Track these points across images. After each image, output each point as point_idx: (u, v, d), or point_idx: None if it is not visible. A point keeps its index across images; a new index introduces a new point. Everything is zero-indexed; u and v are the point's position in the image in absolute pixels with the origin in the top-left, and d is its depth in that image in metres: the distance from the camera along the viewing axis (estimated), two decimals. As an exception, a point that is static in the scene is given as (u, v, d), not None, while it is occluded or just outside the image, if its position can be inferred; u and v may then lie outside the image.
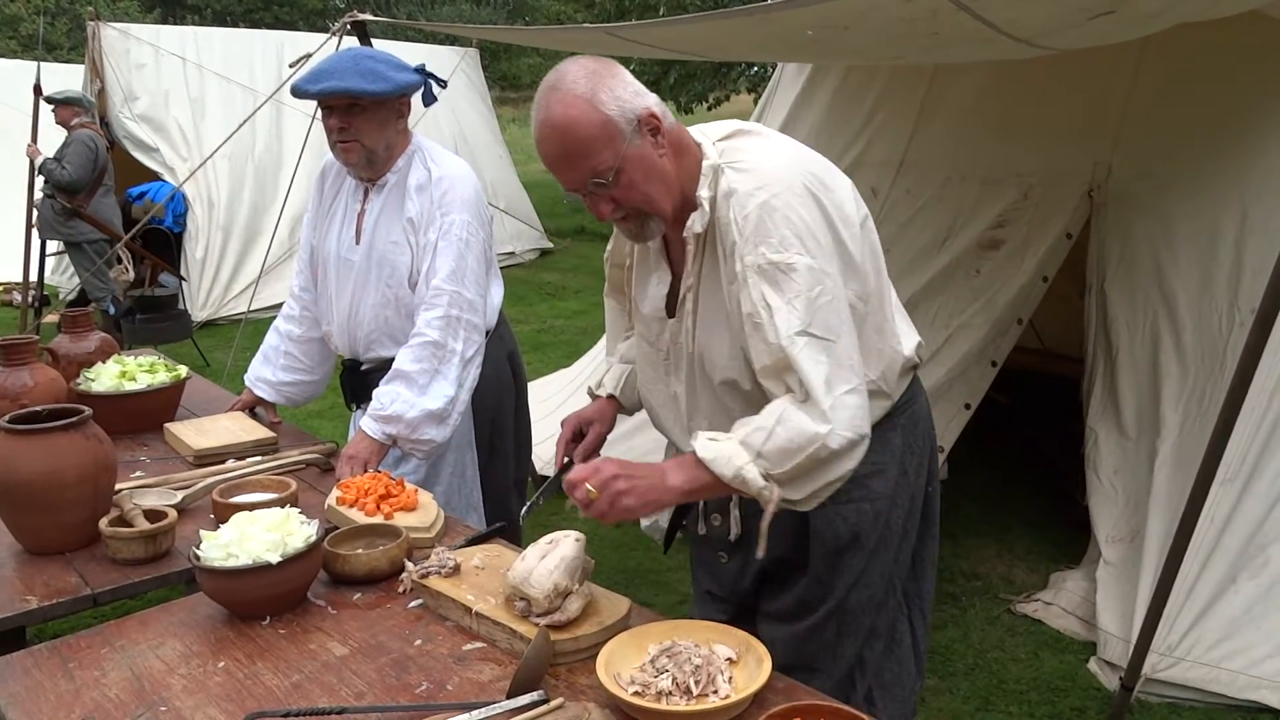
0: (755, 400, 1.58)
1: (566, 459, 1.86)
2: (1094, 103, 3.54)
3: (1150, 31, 2.79)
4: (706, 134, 1.63)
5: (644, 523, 1.99)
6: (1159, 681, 2.79)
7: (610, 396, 1.93)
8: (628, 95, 1.50)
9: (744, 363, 1.58)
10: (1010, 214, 3.62)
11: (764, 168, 1.53)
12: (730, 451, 1.47)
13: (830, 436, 1.44)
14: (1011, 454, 4.67)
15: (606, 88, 1.48)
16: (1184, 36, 2.95)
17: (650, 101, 1.53)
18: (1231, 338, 3.08)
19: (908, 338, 1.72)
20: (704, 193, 1.54)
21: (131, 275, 6.74)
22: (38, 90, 6.44)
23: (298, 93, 2.29)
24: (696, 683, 1.31)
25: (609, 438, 1.93)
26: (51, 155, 6.54)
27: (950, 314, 3.65)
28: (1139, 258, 3.38)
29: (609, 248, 1.91)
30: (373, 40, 4.38)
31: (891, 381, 1.69)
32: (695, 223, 1.55)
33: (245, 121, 5.55)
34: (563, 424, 1.91)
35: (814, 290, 1.47)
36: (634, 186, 1.52)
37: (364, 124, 2.30)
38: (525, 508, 1.79)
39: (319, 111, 2.36)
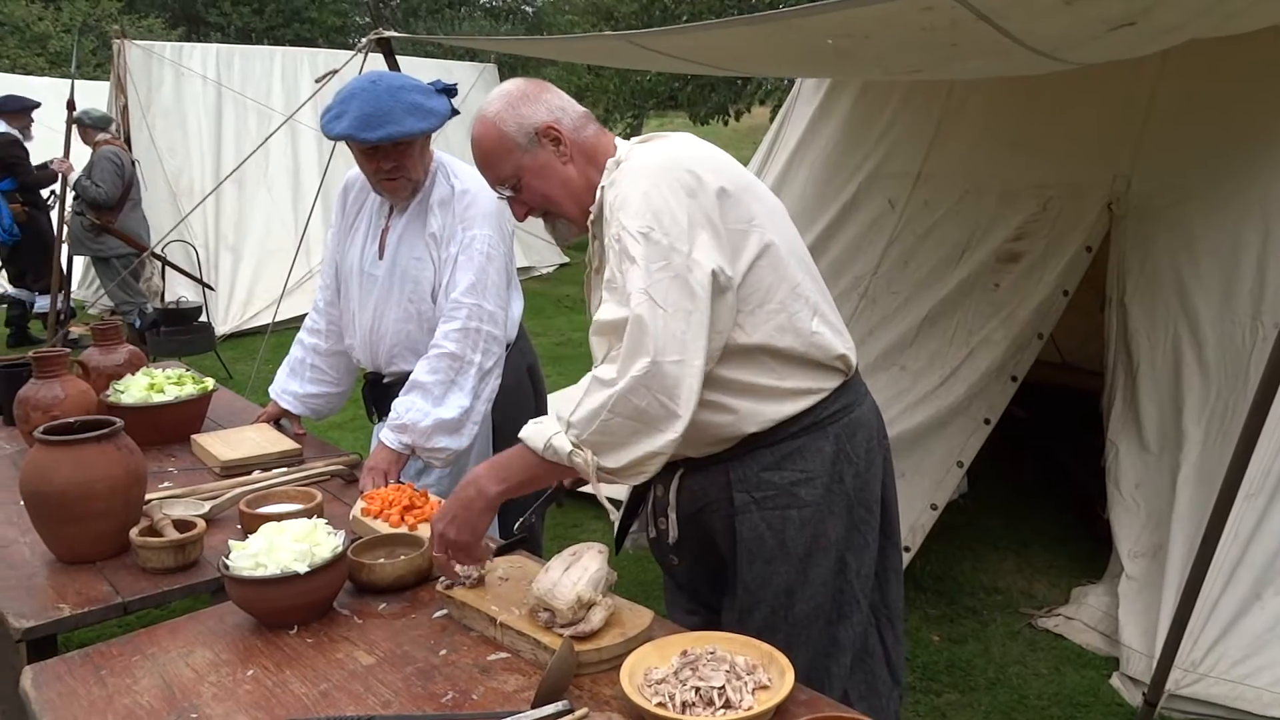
0: None
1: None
2: (1113, 115, 3.54)
3: (1169, 45, 2.79)
4: (632, 140, 1.77)
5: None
6: (1183, 698, 2.77)
7: None
8: (532, 112, 1.70)
9: None
10: (1029, 227, 3.62)
11: (645, 158, 1.64)
12: (543, 427, 1.57)
13: (634, 391, 1.50)
14: (1031, 468, 4.65)
15: (513, 108, 1.70)
16: (1203, 50, 2.95)
17: (560, 116, 1.71)
18: (1255, 352, 3.06)
19: (829, 340, 1.71)
20: (602, 183, 1.68)
21: (161, 285, 6.85)
22: (71, 106, 6.55)
23: (354, 141, 2.25)
24: (719, 694, 1.32)
25: None
26: (79, 172, 6.67)
27: (970, 329, 3.64)
28: (1160, 271, 3.37)
29: (585, 275, 1.96)
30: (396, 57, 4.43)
31: (790, 378, 1.67)
32: (593, 210, 1.70)
33: (264, 142, 5.62)
34: None
35: (658, 263, 1.54)
36: (533, 190, 1.72)
37: (410, 159, 2.33)
38: (518, 524, 1.79)
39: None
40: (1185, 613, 2.58)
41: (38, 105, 7.55)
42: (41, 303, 7.67)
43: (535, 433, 1.58)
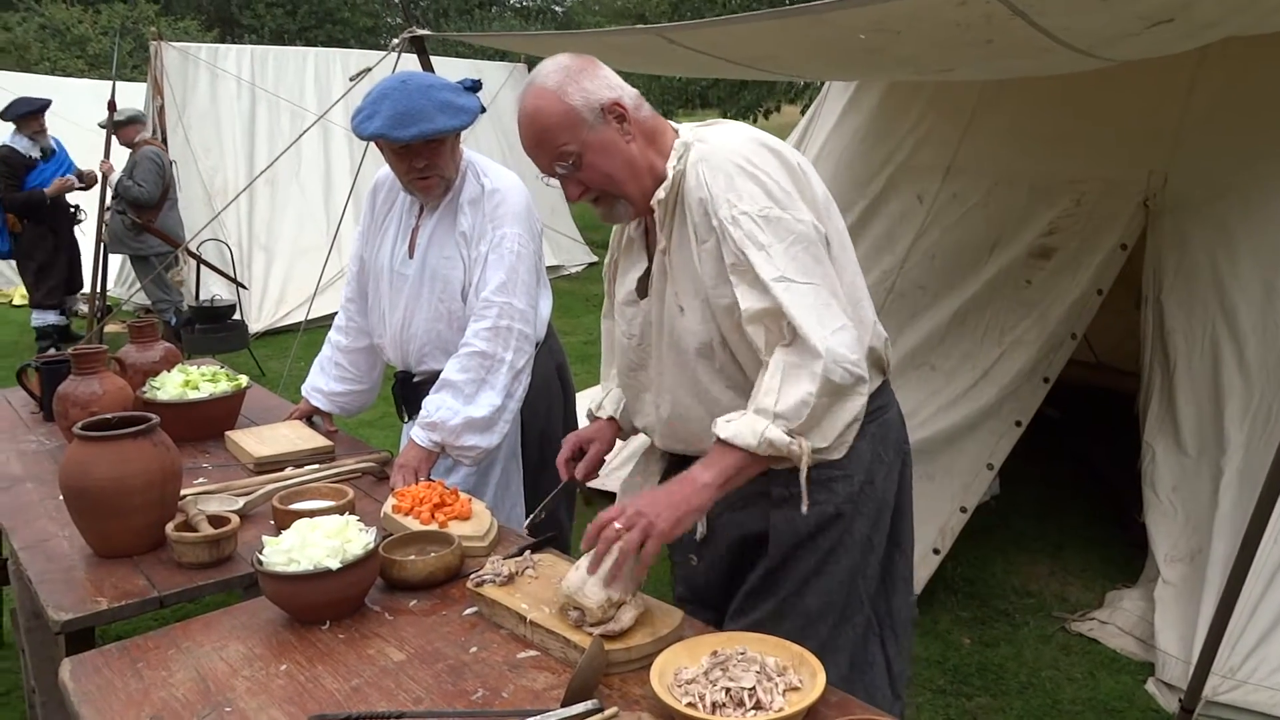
0: (726, 370, 1.66)
1: (569, 479, 1.95)
2: (1150, 110, 3.48)
3: (1208, 41, 2.74)
4: (687, 125, 1.77)
5: None
6: (1220, 705, 2.72)
7: (610, 418, 2.00)
8: (595, 87, 1.64)
9: (715, 325, 1.65)
10: (1062, 222, 3.57)
11: (726, 138, 1.65)
12: (748, 422, 1.53)
13: (829, 370, 1.51)
14: (1064, 469, 4.59)
15: (574, 81, 1.63)
16: (1241, 45, 2.90)
17: (621, 94, 1.66)
18: (1298, 353, 3.01)
19: (878, 327, 1.76)
20: (671, 164, 1.66)
21: (193, 278, 6.95)
22: (112, 107, 6.64)
23: (386, 140, 2.26)
24: (750, 694, 1.31)
25: (607, 457, 2.01)
26: (120, 172, 6.78)
27: (1002, 329, 3.60)
28: (1197, 269, 3.31)
29: (605, 264, 1.97)
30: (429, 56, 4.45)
31: (863, 365, 1.70)
32: (661, 191, 1.66)
33: (296, 140, 5.68)
34: (563, 442, 1.99)
35: (787, 239, 1.56)
36: (596, 169, 1.65)
37: (442, 157, 2.34)
38: (529, 519, 1.82)
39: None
40: (1224, 618, 2.53)
41: (48, 104, 7.37)
42: (34, 318, 7.64)
43: (742, 431, 1.52)
